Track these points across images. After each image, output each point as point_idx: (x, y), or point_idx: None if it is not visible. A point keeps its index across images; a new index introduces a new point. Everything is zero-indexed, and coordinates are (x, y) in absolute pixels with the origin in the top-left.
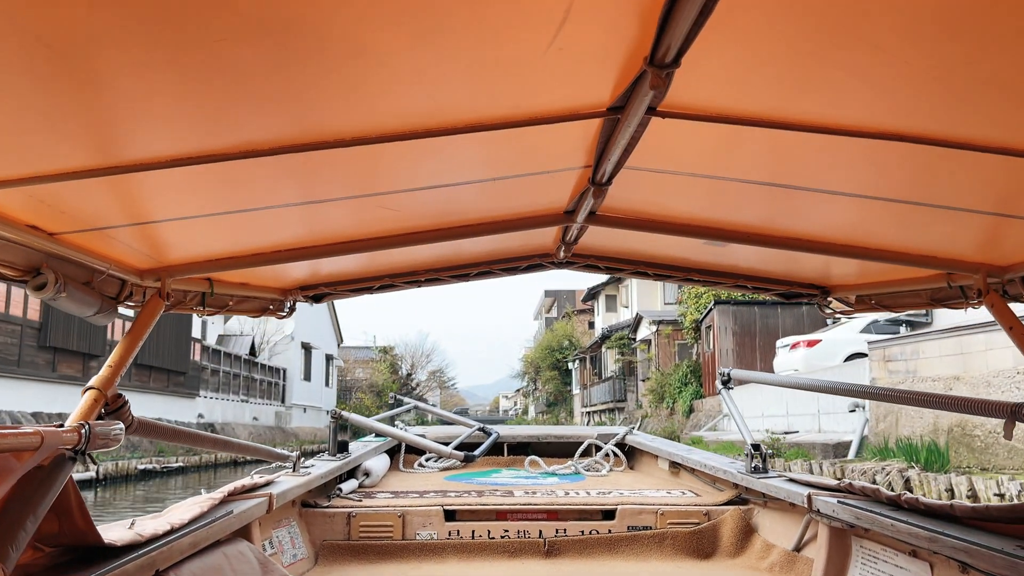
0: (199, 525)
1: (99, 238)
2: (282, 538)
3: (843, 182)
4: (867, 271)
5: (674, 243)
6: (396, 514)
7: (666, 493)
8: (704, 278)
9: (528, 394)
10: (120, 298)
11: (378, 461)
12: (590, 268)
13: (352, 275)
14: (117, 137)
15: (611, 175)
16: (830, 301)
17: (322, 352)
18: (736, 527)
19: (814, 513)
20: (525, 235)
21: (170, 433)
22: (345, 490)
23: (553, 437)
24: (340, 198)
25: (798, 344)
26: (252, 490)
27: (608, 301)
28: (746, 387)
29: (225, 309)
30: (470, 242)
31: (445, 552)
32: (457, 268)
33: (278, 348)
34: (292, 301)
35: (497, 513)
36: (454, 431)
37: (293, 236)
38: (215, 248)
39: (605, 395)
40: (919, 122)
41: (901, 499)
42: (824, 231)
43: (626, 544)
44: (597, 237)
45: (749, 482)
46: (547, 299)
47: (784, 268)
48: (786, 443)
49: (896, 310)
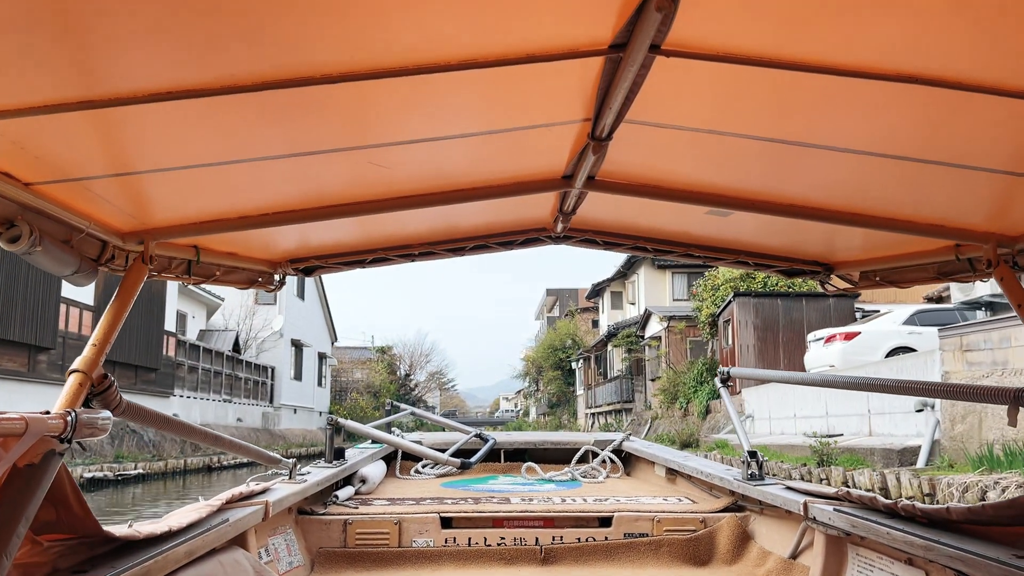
0: (195, 533)
1: (78, 192)
2: (278, 546)
3: (849, 136)
4: (871, 246)
5: (674, 215)
6: (392, 521)
7: (663, 500)
8: (705, 253)
9: (529, 395)
10: (101, 260)
11: (375, 468)
12: (588, 243)
13: (343, 247)
14: (95, 67)
15: (611, 128)
16: (833, 278)
17: (314, 350)
18: (732, 534)
19: (810, 521)
20: (522, 206)
21: (159, 420)
22: (341, 497)
23: (550, 444)
24: (329, 150)
25: (834, 337)
26: (248, 497)
27: (614, 298)
28: (775, 386)
29: (212, 279)
30: (465, 214)
31: (441, 559)
32: (452, 242)
33: (266, 345)
34: (281, 274)
35: (494, 520)
36: (451, 437)
37: (281, 198)
38: (200, 209)
39: (611, 396)
40: (935, 62)
41: (898, 506)
42: (829, 197)
43: (623, 551)
44: (595, 209)
45: (746, 489)
46: (549, 298)
47: (787, 244)
48: (837, 448)
49: (901, 286)
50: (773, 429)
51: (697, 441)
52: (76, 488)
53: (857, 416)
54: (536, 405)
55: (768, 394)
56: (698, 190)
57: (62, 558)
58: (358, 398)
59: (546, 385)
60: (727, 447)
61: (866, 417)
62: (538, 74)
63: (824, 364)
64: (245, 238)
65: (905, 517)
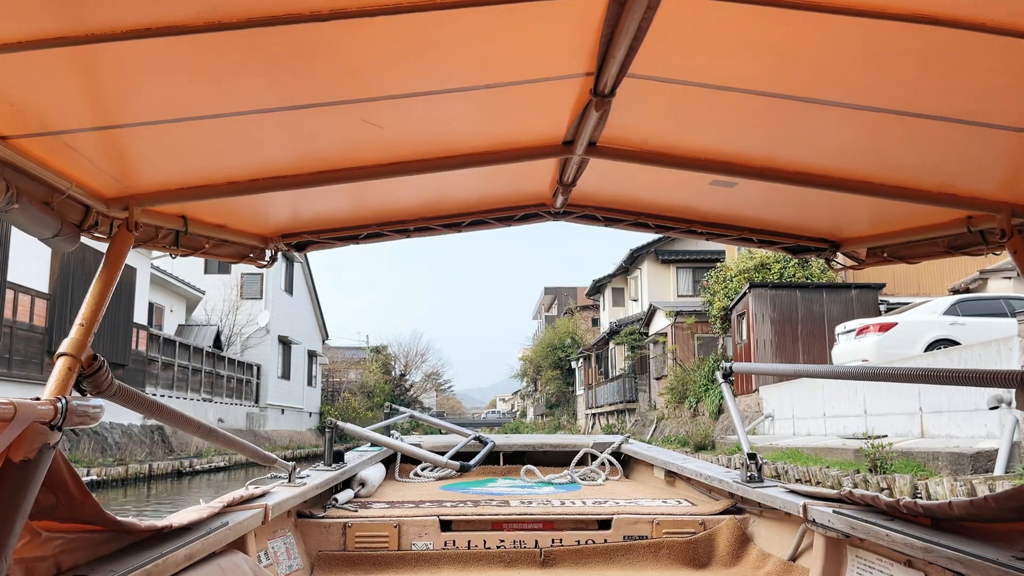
0: (194, 536)
1: (59, 151)
2: (278, 549)
3: (858, 89)
4: (878, 220)
5: (677, 188)
6: (392, 524)
7: (662, 502)
8: (708, 230)
9: (527, 395)
10: (84, 226)
11: (374, 471)
12: (588, 219)
13: (337, 222)
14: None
15: (615, 83)
16: (839, 255)
17: (303, 348)
18: (732, 536)
19: (809, 523)
20: (520, 178)
21: (152, 407)
22: (341, 500)
23: (549, 446)
24: (319, 104)
25: (867, 329)
26: (248, 501)
27: (615, 295)
28: (800, 382)
29: (201, 252)
30: (462, 188)
31: (441, 562)
32: (448, 217)
33: (251, 342)
34: (273, 249)
35: (493, 523)
36: (450, 440)
37: (271, 161)
38: (186, 173)
39: (613, 395)
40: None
41: (900, 504)
42: (836, 164)
43: (622, 554)
44: (595, 182)
45: (745, 491)
46: (547, 296)
47: (792, 219)
48: (893, 451)
49: (911, 261)
50: (798, 429)
51: (712, 443)
52: (74, 473)
53: (905, 415)
54: (534, 406)
55: (791, 391)
56: (703, 157)
57: (64, 555)
58: (350, 398)
59: (545, 385)
60: None
61: (916, 416)
62: (539, 15)
63: (856, 358)
64: (235, 209)
65: (907, 515)
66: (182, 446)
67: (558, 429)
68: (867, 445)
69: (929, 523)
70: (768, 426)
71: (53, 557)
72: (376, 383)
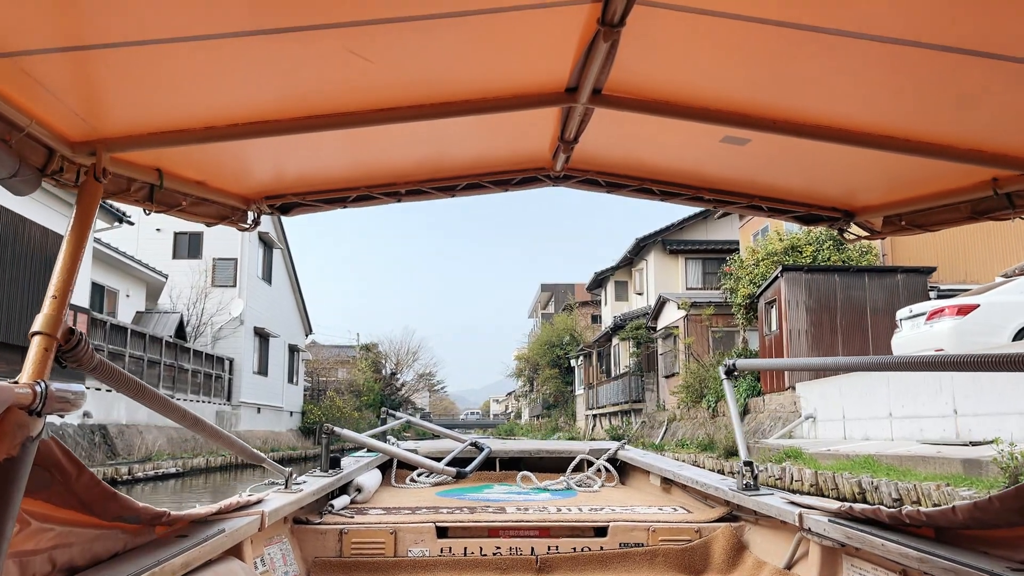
0: (191, 543)
1: (17, 78)
2: (274, 555)
3: (883, 18)
4: (895, 185)
5: (685, 148)
6: (388, 531)
7: (658, 510)
8: (716, 196)
9: (523, 395)
10: (47, 171)
11: (370, 477)
12: (589, 184)
13: (323, 183)
14: None
15: (625, 10)
16: (852, 227)
17: (283, 341)
18: (727, 544)
19: (805, 531)
20: (519, 136)
21: (134, 387)
22: (337, 506)
23: (545, 452)
24: (302, 27)
25: (941, 312)
26: (243, 507)
27: (618, 288)
28: (854, 377)
29: (178, 210)
30: (457, 147)
31: (437, 569)
32: (442, 180)
33: (224, 333)
34: (256, 211)
35: (489, 530)
36: (447, 446)
37: (250, 102)
38: (159, 114)
39: (617, 395)
40: None
41: (903, 513)
42: (856, 113)
43: (618, 561)
44: (598, 142)
45: (741, 499)
46: (543, 294)
47: (804, 186)
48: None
49: (930, 229)
50: (852, 432)
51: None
52: (65, 448)
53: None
54: (530, 406)
55: (841, 388)
56: (715, 107)
57: (58, 550)
58: (335, 397)
59: (542, 385)
60: (803, 457)
61: None
62: None
63: (927, 347)
64: (215, 165)
65: (911, 526)
66: (128, 448)
67: (555, 431)
68: (1002, 454)
69: (933, 534)
70: (809, 429)
71: (47, 552)
72: (365, 382)
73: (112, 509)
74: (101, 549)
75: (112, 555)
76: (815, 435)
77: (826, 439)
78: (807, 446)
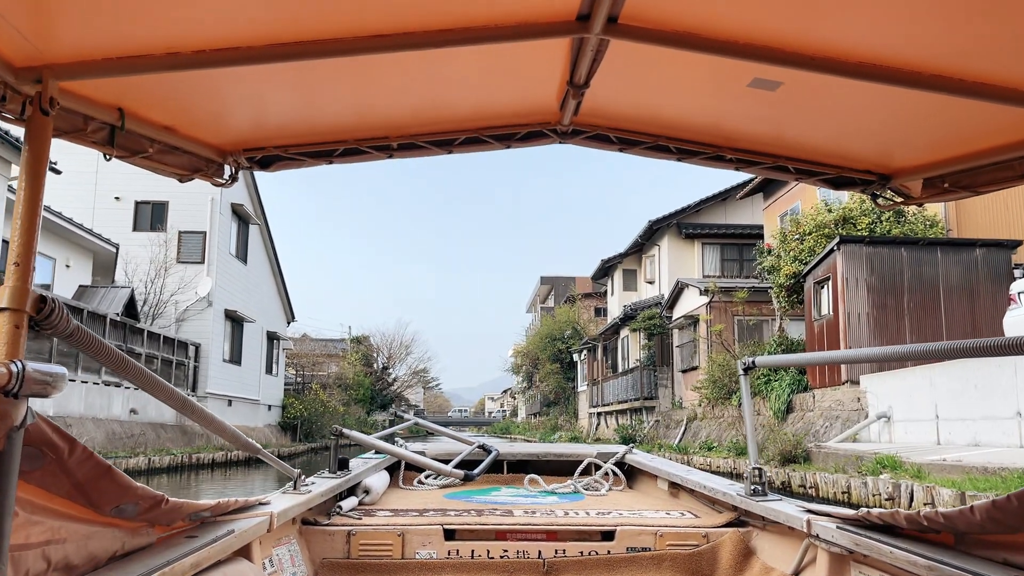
0: (200, 544)
1: None
2: (282, 556)
3: None
4: (938, 144)
5: (708, 96)
6: (396, 532)
7: (665, 514)
8: (739, 156)
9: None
10: None
11: (378, 478)
12: (599, 141)
13: (308, 134)
14: None
15: None
16: (886, 191)
17: (260, 327)
18: (735, 550)
19: (813, 538)
20: (523, 82)
21: (115, 360)
22: (345, 507)
23: (552, 455)
24: None
25: None
26: (248, 508)
27: (626, 277)
28: (951, 367)
29: (143, 157)
30: (454, 94)
31: (444, 571)
32: (438, 133)
33: (190, 315)
34: (233, 165)
35: (497, 533)
36: (454, 448)
37: (219, 26)
38: (116, 35)
39: (626, 391)
40: None
41: (921, 515)
42: (898, 47)
43: (625, 565)
44: (611, 86)
45: (749, 505)
46: (543, 287)
47: (836, 146)
48: None
49: (976, 191)
50: (950, 435)
51: (806, 454)
52: (55, 426)
53: None
54: (527, 404)
55: (932, 379)
56: (744, 40)
57: (51, 546)
58: (320, 391)
59: (542, 381)
60: (903, 467)
61: None
62: None
63: None
64: (186, 108)
65: (929, 530)
66: None
67: (555, 431)
68: None
69: (952, 541)
70: (880, 431)
71: (40, 547)
72: (355, 376)
73: (108, 492)
74: (97, 548)
75: (110, 555)
76: (889, 438)
77: (909, 443)
78: (890, 451)
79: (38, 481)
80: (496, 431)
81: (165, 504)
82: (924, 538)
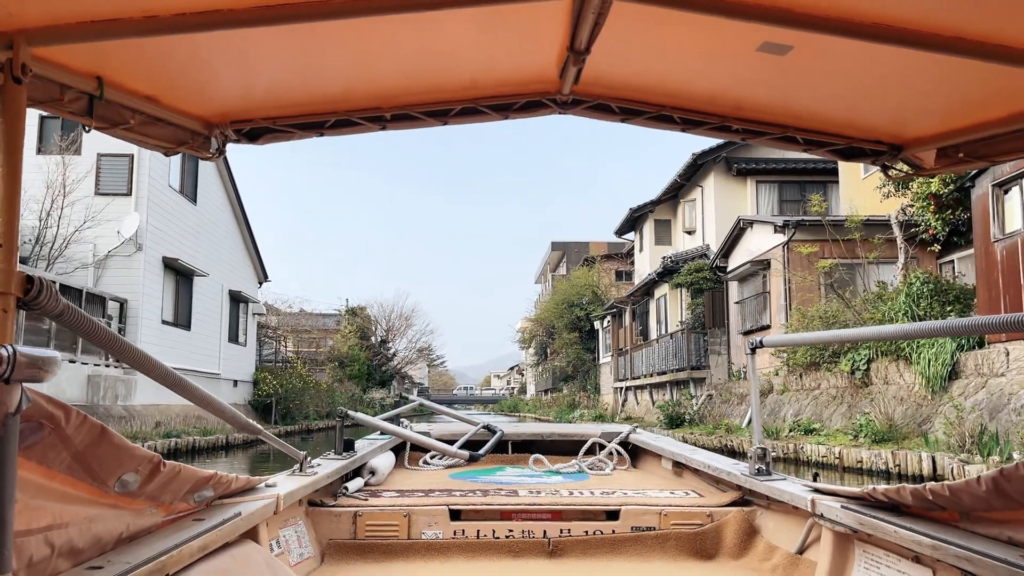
0: (208, 526)
1: None
2: (289, 537)
3: None
4: (953, 112)
5: (715, 61)
6: (402, 513)
7: (669, 493)
8: (745, 126)
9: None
10: None
11: (383, 459)
12: (601, 111)
13: (297, 105)
14: None
15: None
16: (897, 162)
17: (218, 284)
18: (739, 529)
19: (817, 517)
20: (522, 46)
21: (105, 337)
22: (351, 489)
23: (557, 435)
24: None
25: None
26: (251, 489)
27: (659, 229)
28: None
29: (124, 128)
30: (450, 60)
31: (450, 551)
32: (433, 103)
33: (113, 263)
34: (220, 138)
35: (502, 513)
36: (459, 428)
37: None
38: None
39: (665, 360)
40: None
41: (926, 488)
42: (916, 7)
43: (629, 544)
44: (613, 52)
45: (753, 484)
46: (554, 253)
47: (847, 115)
48: None
49: (994, 160)
50: None
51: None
52: (48, 397)
53: None
54: (537, 379)
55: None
56: (754, 0)
57: (54, 531)
58: (299, 365)
59: (558, 352)
60: None
61: None
62: None
63: None
64: (168, 76)
65: (934, 503)
66: None
67: (573, 408)
68: None
69: (958, 518)
70: None
71: (42, 533)
72: (350, 350)
73: (106, 459)
74: (102, 530)
75: (116, 538)
76: None
77: None
78: None
79: (39, 457)
80: (503, 408)
81: (163, 467)
82: (929, 516)
